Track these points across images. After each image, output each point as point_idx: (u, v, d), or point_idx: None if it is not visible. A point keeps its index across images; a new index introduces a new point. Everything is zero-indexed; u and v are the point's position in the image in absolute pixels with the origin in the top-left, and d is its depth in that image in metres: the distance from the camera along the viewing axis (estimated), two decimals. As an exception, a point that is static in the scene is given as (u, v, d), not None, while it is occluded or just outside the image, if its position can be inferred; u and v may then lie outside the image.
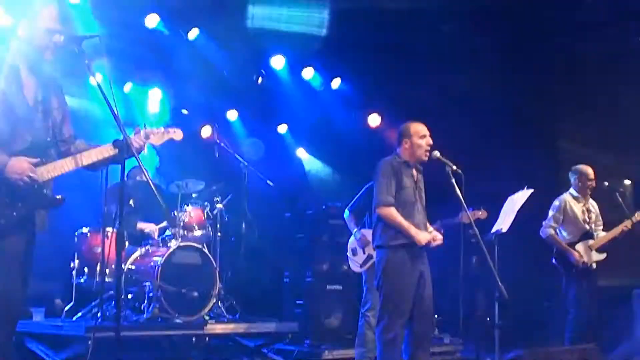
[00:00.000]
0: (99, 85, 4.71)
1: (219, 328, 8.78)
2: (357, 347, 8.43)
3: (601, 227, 9.17)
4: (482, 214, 8.07)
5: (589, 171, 9.22)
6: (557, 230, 9.11)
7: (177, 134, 5.35)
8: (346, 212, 8.71)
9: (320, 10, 10.67)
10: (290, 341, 9.47)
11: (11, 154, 4.49)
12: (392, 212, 6.66)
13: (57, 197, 4.72)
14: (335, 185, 12.84)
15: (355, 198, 8.65)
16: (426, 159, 6.83)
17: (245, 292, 10.08)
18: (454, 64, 11.14)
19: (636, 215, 9.01)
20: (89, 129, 8.17)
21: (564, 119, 11.23)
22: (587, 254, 8.92)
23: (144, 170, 4.68)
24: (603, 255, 8.97)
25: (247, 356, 9.06)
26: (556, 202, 9.20)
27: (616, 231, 9.02)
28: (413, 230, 6.63)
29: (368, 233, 8.23)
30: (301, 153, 13.63)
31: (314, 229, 10.61)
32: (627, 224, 8.98)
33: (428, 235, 6.74)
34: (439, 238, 6.83)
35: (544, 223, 9.15)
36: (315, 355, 9.07)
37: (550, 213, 9.16)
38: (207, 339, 8.70)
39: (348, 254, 8.72)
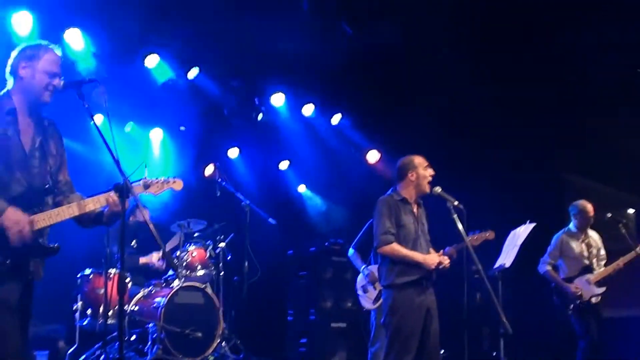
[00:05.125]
0: (98, 128, 4.71)
1: (223, 368, 8.73)
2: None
3: (604, 261, 9.16)
4: (489, 234, 8.01)
5: (588, 207, 9.25)
6: (557, 266, 9.14)
7: (177, 184, 5.34)
8: (350, 250, 8.68)
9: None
10: (295, 380, 9.41)
11: (7, 198, 4.48)
12: (394, 247, 6.66)
13: (52, 246, 4.67)
14: (338, 222, 12.83)
15: (359, 235, 8.63)
16: (429, 190, 6.83)
17: (249, 331, 10.02)
18: (453, 96, 11.17)
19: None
20: (90, 173, 8.16)
21: (567, 150, 11.21)
22: (585, 288, 8.90)
23: (143, 213, 4.66)
24: (602, 289, 8.94)
25: (252, 396, 8.99)
26: (553, 241, 9.33)
27: (617, 265, 9.00)
28: (420, 257, 6.62)
29: (375, 269, 8.21)
30: (303, 190, 13.62)
31: (317, 267, 10.60)
32: (629, 257, 8.97)
33: (436, 256, 6.72)
34: (446, 259, 6.78)
35: (541, 259, 9.27)
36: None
37: (548, 250, 9.30)
38: (211, 379, 8.64)
39: (358, 292, 8.66)
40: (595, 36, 9.91)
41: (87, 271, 8.95)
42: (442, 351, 9.26)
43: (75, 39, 9.52)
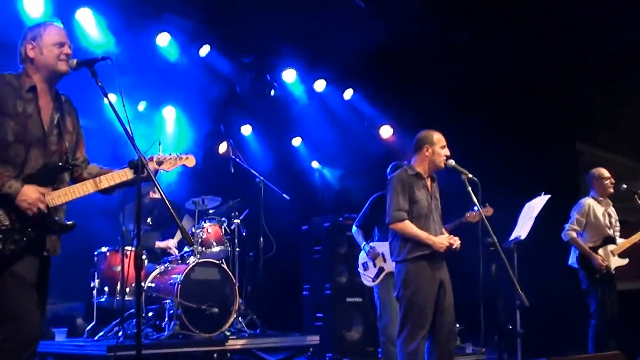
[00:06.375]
0: (112, 106, 4.72)
1: (240, 343, 8.74)
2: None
3: (619, 233, 9.08)
4: (487, 210, 7.98)
5: (602, 171, 9.14)
6: (578, 234, 9.00)
7: (190, 161, 5.34)
8: (354, 228, 8.72)
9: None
10: (311, 355, 9.42)
11: (23, 176, 4.54)
12: (407, 225, 6.63)
13: (68, 223, 4.73)
14: (351, 197, 12.82)
15: (361, 213, 8.67)
16: (443, 166, 6.81)
17: (265, 306, 10.06)
18: (466, 69, 11.11)
19: None
20: (106, 149, 8.19)
21: (582, 122, 11.14)
22: (608, 259, 8.82)
23: (160, 190, 4.67)
24: (625, 261, 8.89)
25: (268, 371, 9.03)
26: (579, 205, 9.11)
27: (638, 236, 8.95)
28: (430, 239, 6.60)
29: (377, 245, 8.26)
30: (316, 165, 13.63)
31: (332, 242, 10.60)
32: None
33: (445, 238, 6.68)
34: (457, 241, 6.77)
35: (566, 226, 9.05)
36: (337, 368, 9.05)
37: (574, 216, 9.06)
38: (228, 354, 8.65)
39: (359, 269, 8.69)
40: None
41: (104, 249, 9.01)
42: (457, 325, 9.30)
43: (86, 18, 9.56)
